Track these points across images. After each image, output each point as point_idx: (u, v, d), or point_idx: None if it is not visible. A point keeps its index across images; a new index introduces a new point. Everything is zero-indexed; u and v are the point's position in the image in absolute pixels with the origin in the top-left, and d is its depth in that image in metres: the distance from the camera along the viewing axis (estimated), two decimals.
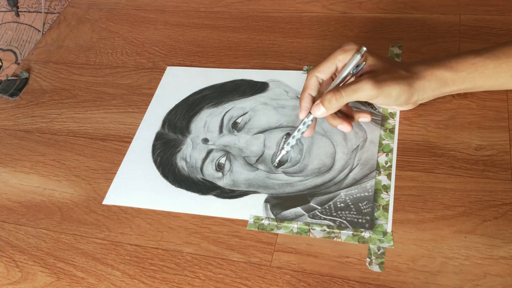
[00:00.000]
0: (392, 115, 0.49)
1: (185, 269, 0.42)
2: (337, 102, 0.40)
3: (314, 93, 0.43)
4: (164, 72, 0.60)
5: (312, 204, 0.44)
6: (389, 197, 0.43)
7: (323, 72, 0.42)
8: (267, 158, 0.48)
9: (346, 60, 0.41)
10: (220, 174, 0.48)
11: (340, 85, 0.42)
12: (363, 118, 0.45)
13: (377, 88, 0.40)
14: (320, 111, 0.41)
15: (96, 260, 0.45)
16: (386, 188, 0.44)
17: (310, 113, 0.43)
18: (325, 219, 0.43)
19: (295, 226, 0.43)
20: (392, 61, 0.43)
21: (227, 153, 0.49)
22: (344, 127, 0.43)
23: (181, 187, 0.48)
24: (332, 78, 0.44)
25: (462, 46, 0.53)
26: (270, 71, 0.56)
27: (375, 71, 0.41)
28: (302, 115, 0.44)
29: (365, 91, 0.40)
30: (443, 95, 0.43)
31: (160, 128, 0.54)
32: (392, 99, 0.41)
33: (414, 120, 0.48)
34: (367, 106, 0.50)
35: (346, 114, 0.46)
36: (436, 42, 0.54)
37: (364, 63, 0.41)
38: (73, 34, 0.70)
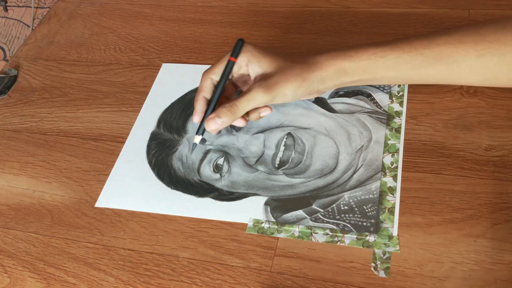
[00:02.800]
0: (398, 113, 0.48)
1: (181, 275, 0.42)
2: (233, 115, 0.41)
3: (208, 96, 0.43)
4: (159, 69, 0.59)
5: (314, 206, 0.43)
6: (395, 200, 0.42)
7: (218, 73, 0.43)
8: (267, 159, 0.47)
9: (240, 62, 0.42)
10: (218, 175, 0.47)
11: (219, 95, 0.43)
12: (264, 113, 0.44)
13: (269, 93, 0.40)
14: (216, 124, 0.41)
15: (88, 265, 0.44)
16: (392, 190, 0.42)
17: (198, 135, 0.44)
18: (328, 222, 0.42)
19: (296, 229, 0.42)
20: (290, 57, 0.42)
21: (225, 153, 0.48)
22: (237, 121, 0.43)
23: (177, 189, 0.47)
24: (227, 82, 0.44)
25: None
26: None
27: (268, 74, 0.41)
28: (196, 119, 0.43)
29: (258, 99, 0.40)
30: (347, 85, 0.43)
31: (155, 127, 0.53)
32: (289, 97, 0.41)
33: (421, 119, 0.47)
34: (370, 102, 0.49)
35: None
36: None
37: (240, 43, 0.41)
38: (64, 30, 0.68)
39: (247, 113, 0.43)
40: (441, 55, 0.39)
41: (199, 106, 0.43)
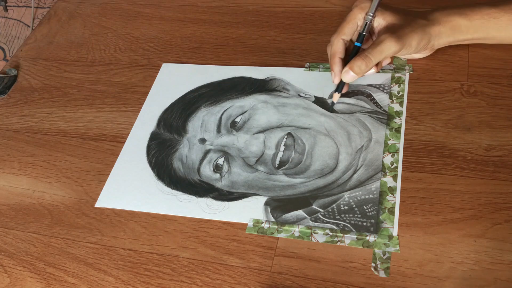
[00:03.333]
0: (398, 113, 0.47)
1: (181, 275, 0.41)
2: (366, 66, 0.44)
3: (342, 56, 0.46)
4: (159, 69, 0.59)
5: (314, 206, 0.43)
6: (395, 200, 0.42)
7: (347, 33, 0.45)
8: (267, 159, 0.46)
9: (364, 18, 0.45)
10: (218, 175, 0.47)
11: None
12: (386, 62, 0.48)
13: (400, 43, 0.43)
14: (349, 75, 0.45)
15: (88, 265, 0.44)
16: (392, 190, 0.42)
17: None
18: (328, 222, 0.42)
19: (296, 229, 0.42)
20: (408, 11, 0.46)
21: (225, 153, 0.48)
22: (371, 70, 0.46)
23: (177, 189, 0.47)
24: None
25: None
26: (271, 68, 0.55)
27: (393, 25, 0.44)
28: (336, 80, 0.47)
29: (390, 49, 0.43)
30: (458, 43, 0.46)
31: (155, 127, 0.52)
32: (413, 48, 0.44)
33: (421, 119, 0.47)
34: (370, 102, 0.49)
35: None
36: None
37: (370, 17, 0.45)
38: (64, 30, 0.68)
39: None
40: None
41: (337, 68, 0.46)
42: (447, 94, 0.48)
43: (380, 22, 0.45)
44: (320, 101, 0.50)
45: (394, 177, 0.43)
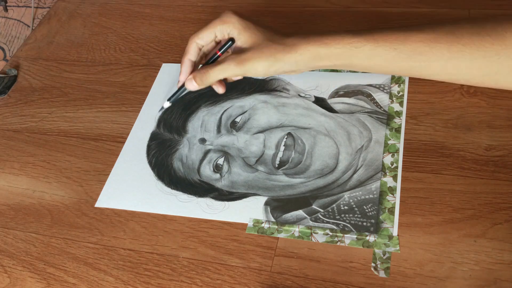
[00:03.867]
0: (398, 113, 0.47)
1: (181, 275, 0.41)
2: (206, 80, 0.44)
3: (194, 58, 0.46)
4: (159, 69, 0.59)
5: (314, 206, 0.43)
6: (395, 200, 0.42)
7: (203, 39, 0.45)
8: (267, 159, 0.46)
9: (223, 31, 0.44)
10: (218, 175, 0.47)
11: (210, 61, 0.46)
12: (235, 78, 0.47)
13: (241, 67, 0.43)
14: (192, 85, 0.45)
15: (88, 265, 0.44)
16: (392, 190, 0.42)
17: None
18: (328, 222, 0.41)
19: (296, 229, 0.42)
20: (267, 34, 0.44)
21: (225, 153, 0.48)
22: (217, 88, 0.46)
23: (177, 189, 0.47)
24: (215, 43, 0.46)
25: None
26: None
27: (243, 48, 0.44)
28: (182, 78, 0.46)
29: (230, 71, 0.43)
30: (320, 68, 0.44)
31: (155, 127, 0.52)
32: (261, 73, 0.43)
33: (421, 119, 0.47)
34: (370, 102, 0.48)
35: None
36: None
37: (230, 42, 0.44)
38: (64, 30, 0.68)
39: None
40: (415, 52, 0.40)
41: (185, 67, 0.46)
42: (447, 94, 0.48)
43: (241, 40, 0.44)
44: (320, 101, 0.50)
45: (394, 177, 0.43)
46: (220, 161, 0.48)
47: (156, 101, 0.55)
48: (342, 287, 0.38)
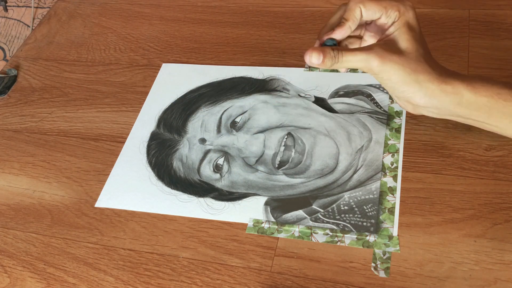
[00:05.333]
0: (398, 113, 0.47)
1: (181, 275, 0.41)
2: (338, 64, 0.36)
3: (353, 27, 0.38)
4: (159, 69, 0.59)
5: (314, 207, 0.43)
6: (395, 200, 0.42)
7: (368, 11, 0.37)
8: (267, 159, 0.46)
9: (392, 16, 0.36)
10: (218, 175, 0.47)
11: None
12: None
13: (380, 66, 0.35)
14: (317, 61, 0.37)
15: (88, 265, 0.44)
16: (392, 190, 0.42)
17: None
18: (328, 222, 0.41)
19: (296, 229, 0.42)
20: (426, 49, 0.37)
21: (225, 153, 0.48)
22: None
23: (177, 189, 0.47)
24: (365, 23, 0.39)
25: (471, 42, 0.52)
26: (271, 68, 0.55)
27: (394, 46, 0.36)
28: (317, 43, 0.38)
29: (368, 63, 0.35)
30: (448, 118, 0.38)
31: (155, 127, 0.52)
32: (392, 83, 0.36)
33: (421, 119, 0.47)
34: (370, 102, 0.48)
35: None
36: (444, 38, 0.53)
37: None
38: (64, 30, 0.68)
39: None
40: None
41: (328, 29, 0.38)
42: None
43: (394, 31, 0.36)
44: (320, 101, 0.50)
45: (394, 177, 0.43)
46: (220, 161, 0.48)
47: (156, 101, 0.55)
48: (342, 287, 0.38)
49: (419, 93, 0.36)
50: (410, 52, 0.36)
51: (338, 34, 0.37)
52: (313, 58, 0.37)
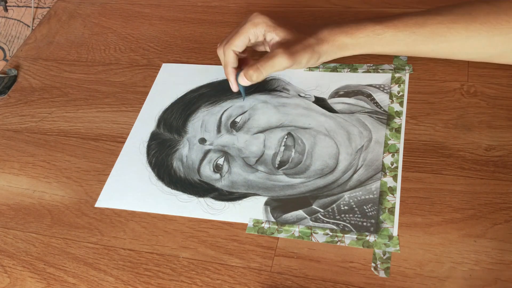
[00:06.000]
0: (398, 113, 0.47)
1: (181, 275, 0.41)
2: (259, 76, 0.46)
3: (235, 65, 0.48)
4: (159, 69, 0.59)
5: (314, 207, 0.43)
6: (395, 200, 0.42)
7: (239, 46, 0.47)
8: (267, 159, 0.46)
9: (257, 32, 0.46)
10: (218, 175, 0.47)
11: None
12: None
13: (292, 59, 0.44)
14: (244, 81, 0.48)
15: (88, 265, 0.44)
16: (392, 190, 0.42)
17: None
18: (328, 222, 0.41)
19: (296, 229, 0.42)
20: (299, 28, 0.47)
21: (225, 153, 0.48)
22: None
23: (177, 189, 0.47)
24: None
25: None
26: None
27: (287, 41, 0.45)
28: (234, 88, 0.50)
29: (281, 64, 0.45)
30: (345, 55, 0.48)
31: (155, 127, 0.52)
32: (302, 65, 0.46)
33: (421, 119, 0.47)
34: (370, 102, 0.48)
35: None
36: None
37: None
38: (64, 30, 0.68)
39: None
40: (433, 34, 0.43)
41: (232, 77, 0.48)
42: (447, 94, 0.48)
43: (273, 37, 0.46)
44: (320, 101, 0.50)
45: (394, 177, 0.43)
46: (220, 161, 0.48)
47: (156, 101, 0.55)
48: (342, 287, 0.38)
49: (320, 58, 0.47)
50: (297, 37, 0.45)
51: (233, 80, 0.49)
52: (241, 81, 0.48)
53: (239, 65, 0.49)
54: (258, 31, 0.46)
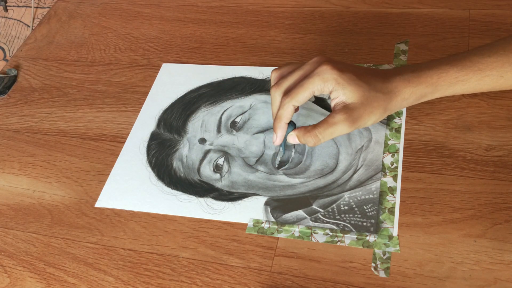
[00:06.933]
0: (398, 113, 0.47)
1: (181, 275, 0.41)
2: (316, 142, 0.41)
3: (289, 121, 0.43)
4: (159, 69, 0.59)
5: (314, 207, 0.43)
6: (395, 200, 0.42)
7: (300, 101, 0.41)
8: (267, 159, 0.46)
9: (324, 88, 0.41)
10: (218, 175, 0.47)
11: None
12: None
13: (354, 126, 0.40)
14: (295, 141, 0.43)
15: (88, 265, 0.44)
16: (392, 190, 0.42)
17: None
18: (328, 222, 0.41)
19: (296, 229, 0.42)
20: (370, 82, 0.41)
21: (225, 153, 0.48)
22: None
23: (177, 189, 0.47)
24: None
25: (471, 42, 0.52)
26: (271, 68, 0.55)
27: (352, 105, 0.40)
28: (278, 142, 0.44)
29: (341, 132, 0.41)
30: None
31: (155, 127, 0.52)
32: (368, 125, 0.42)
33: (421, 119, 0.47)
34: None
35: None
36: (444, 38, 0.53)
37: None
38: (64, 30, 0.68)
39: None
40: None
41: (281, 132, 0.43)
42: None
43: (339, 95, 0.40)
44: (320, 101, 0.50)
45: (394, 177, 0.43)
46: (220, 161, 0.47)
47: (156, 101, 0.55)
48: (342, 287, 0.38)
49: (392, 111, 0.42)
50: (364, 97, 0.40)
51: (280, 135, 0.43)
52: (291, 140, 0.43)
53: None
54: (326, 87, 0.40)
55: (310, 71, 0.41)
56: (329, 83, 0.40)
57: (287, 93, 0.41)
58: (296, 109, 0.42)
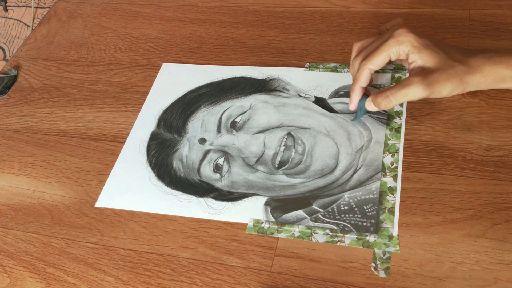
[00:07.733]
0: (398, 113, 0.47)
1: (181, 275, 0.41)
2: (388, 104, 0.42)
3: (365, 85, 0.44)
4: (159, 69, 0.59)
5: (314, 207, 0.43)
6: (395, 200, 0.42)
7: (377, 64, 0.42)
8: (267, 159, 0.46)
9: (400, 51, 0.41)
10: (218, 175, 0.47)
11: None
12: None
13: (429, 90, 0.40)
14: (371, 107, 0.44)
15: (88, 265, 0.44)
16: (392, 190, 0.42)
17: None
18: (328, 222, 0.41)
19: (296, 229, 0.42)
20: (448, 50, 0.41)
21: (225, 153, 0.48)
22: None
23: (177, 189, 0.47)
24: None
25: (471, 42, 0.52)
26: (271, 68, 0.55)
27: (428, 69, 0.40)
28: (352, 107, 0.45)
29: (415, 95, 0.40)
30: (498, 89, 0.42)
31: (155, 127, 0.52)
32: (443, 95, 0.41)
33: (421, 119, 0.47)
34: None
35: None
36: (444, 38, 0.53)
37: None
38: (64, 30, 0.68)
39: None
40: None
41: (356, 96, 0.44)
42: None
43: (416, 59, 0.40)
44: (320, 101, 0.50)
45: (394, 177, 0.43)
46: (220, 161, 0.47)
47: (156, 101, 0.55)
48: (342, 287, 0.38)
49: (469, 88, 0.41)
50: (441, 63, 0.40)
51: (355, 99, 0.44)
52: (368, 107, 0.44)
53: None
54: (401, 50, 0.40)
55: (388, 37, 0.41)
56: (404, 46, 0.40)
57: (365, 59, 0.42)
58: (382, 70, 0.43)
